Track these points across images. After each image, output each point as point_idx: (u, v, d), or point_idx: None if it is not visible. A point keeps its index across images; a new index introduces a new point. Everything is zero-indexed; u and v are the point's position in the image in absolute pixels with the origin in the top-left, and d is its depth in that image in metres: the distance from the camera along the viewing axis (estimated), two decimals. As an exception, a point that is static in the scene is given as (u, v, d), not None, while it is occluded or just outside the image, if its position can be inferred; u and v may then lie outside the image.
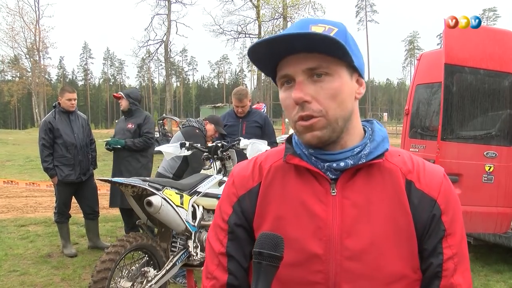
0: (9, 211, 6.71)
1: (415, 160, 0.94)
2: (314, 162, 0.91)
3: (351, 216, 0.87)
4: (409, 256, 0.87)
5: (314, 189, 0.90)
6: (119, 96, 4.96)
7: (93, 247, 4.96)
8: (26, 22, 40.98)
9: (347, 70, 0.87)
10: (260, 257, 0.77)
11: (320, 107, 0.85)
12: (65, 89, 4.89)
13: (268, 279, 0.77)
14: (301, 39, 0.81)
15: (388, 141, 0.94)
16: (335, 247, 0.86)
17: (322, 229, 0.87)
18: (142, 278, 3.02)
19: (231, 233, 0.94)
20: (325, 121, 0.86)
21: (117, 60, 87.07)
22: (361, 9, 66.73)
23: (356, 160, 0.89)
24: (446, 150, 4.12)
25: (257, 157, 1.02)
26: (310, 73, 0.85)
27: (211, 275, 0.94)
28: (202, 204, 3.41)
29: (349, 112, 0.89)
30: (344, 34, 0.87)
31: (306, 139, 0.88)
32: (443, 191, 0.90)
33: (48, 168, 4.67)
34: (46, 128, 4.68)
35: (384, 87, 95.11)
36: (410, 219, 0.87)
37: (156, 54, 31.13)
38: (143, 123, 4.86)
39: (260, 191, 0.94)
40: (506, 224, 4.25)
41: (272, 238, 0.79)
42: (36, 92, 42.29)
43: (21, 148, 17.70)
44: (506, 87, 4.26)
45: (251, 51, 0.85)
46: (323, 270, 0.87)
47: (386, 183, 0.89)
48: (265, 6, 26.77)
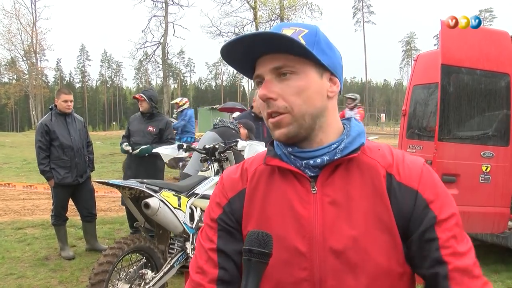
0: (6, 213, 6.69)
1: (395, 153, 0.94)
2: (293, 160, 0.93)
3: (332, 213, 0.89)
4: (392, 249, 0.87)
5: (296, 188, 0.92)
6: (140, 98, 5.01)
7: (90, 249, 4.94)
8: (23, 24, 40.89)
9: (315, 69, 0.90)
10: (250, 254, 0.79)
11: (285, 103, 0.89)
12: (61, 91, 4.87)
13: (258, 275, 0.79)
14: (261, 39, 0.86)
15: (365, 135, 0.95)
16: (318, 244, 0.88)
17: (304, 227, 0.89)
18: (140, 280, 3.02)
19: (221, 230, 0.97)
20: (291, 117, 0.89)
21: (115, 62, 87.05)
22: (358, 10, 66.88)
23: (332, 155, 0.91)
24: (443, 150, 4.13)
25: (244, 161, 1.05)
26: (277, 72, 0.89)
27: (201, 269, 0.95)
28: (200, 206, 3.41)
29: (318, 110, 0.91)
30: (314, 35, 0.91)
31: (275, 136, 0.92)
32: (424, 179, 0.90)
33: (44, 171, 4.66)
34: (42, 130, 4.67)
35: (382, 88, 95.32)
36: (390, 213, 0.87)
37: (154, 56, 31.14)
38: (165, 128, 5.04)
39: (246, 194, 0.97)
40: (503, 224, 4.26)
41: (261, 235, 0.81)
42: (33, 94, 42.15)
43: (18, 151, 17.64)
44: (503, 88, 4.27)
45: (223, 53, 0.90)
46: (308, 267, 0.89)
47: (366, 178, 0.90)
48: (262, 8, 26.85)
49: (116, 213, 6.77)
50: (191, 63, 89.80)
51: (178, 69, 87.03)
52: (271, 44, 0.86)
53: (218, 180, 1.05)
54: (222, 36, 28.49)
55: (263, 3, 26.31)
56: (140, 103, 5.03)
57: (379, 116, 47.84)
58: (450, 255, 0.85)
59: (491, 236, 4.42)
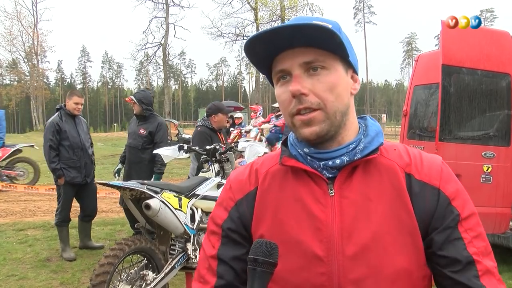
0: (7, 215, 6.69)
1: (411, 152, 0.93)
2: (310, 161, 0.90)
3: (350, 216, 0.86)
4: (413, 251, 0.85)
5: (312, 190, 0.89)
6: (130, 101, 5.00)
7: (82, 247, 5.01)
8: (24, 26, 41.09)
9: (342, 65, 0.88)
10: (255, 264, 0.78)
11: (318, 99, 0.85)
12: (74, 93, 4.95)
13: (262, 285, 0.77)
14: (300, 31, 0.81)
15: (383, 135, 0.93)
16: (336, 248, 0.86)
17: (321, 230, 0.87)
18: (141, 281, 3.02)
19: (224, 237, 0.94)
20: (324, 115, 0.86)
21: (116, 64, 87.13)
22: (359, 10, 66.81)
23: (352, 156, 0.88)
24: (444, 150, 4.13)
25: (253, 163, 1.02)
26: (306, 67, 0.85)
27: (202, 278, 0.95)
28: (200, 207, 3.41)
29: (346, 106, 0.89)
30: (338, 30, 0.88)
31: (304, 134, 0.87)
32: (444, 177, 0.88)
33: (55, 169, 4.69)
34: (53, 129, 4.71)
35: (383, 88, 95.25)
36: (412, 214, 0.85)
37: (155, 57, 31.22)
38: (155, 131, 4.92)
39: (257, 195, 0.94)
40: (504, 224, 4.25)
41: (267, 245, 0.79)
42: (34, 96, 42.26)
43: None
44: (504, 88, 4.27)
45: (248, 45, 0.85)
46: (326, 272, 0.86)
47: (384, 179, 0.88)
48: (263, 9, 26.90)
49: (117, 214, 6.77)
50: (192, 64, 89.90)
51: (179, 70, 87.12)
52: (309, 36, 0.81)
53: (226, 181, 1.03)
54: (223, 37, 28.58)
55: (263, 4, 26.35)
56: (133, 105, 5.00)
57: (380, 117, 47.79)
58: (479, 255, 0.83)
59: (493, 236, 4.41)
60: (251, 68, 45.89)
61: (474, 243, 0.84)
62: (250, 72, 54.00)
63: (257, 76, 31.50)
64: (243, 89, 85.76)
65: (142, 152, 4.89)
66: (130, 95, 5.15)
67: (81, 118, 5.06)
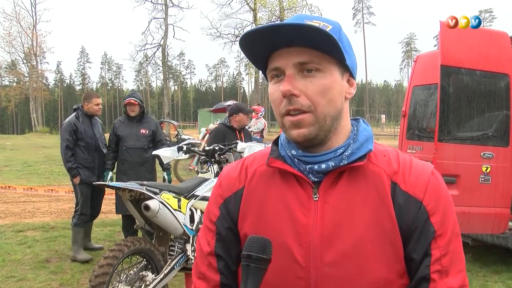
0: (6, 216, 6.69)
1: (402, 159, 0.90)
2: (297, 164, 0.89)
3: (332, 222, 0.85)
4: (394, 260, 0.84)
5: (297, 193, 0.88)
6: (135, 103, 4.86)
7: (83, 248, 4.95)
8: (23, 27, 41.03)
9: (338, 68, 0.86)
10: (249, 260, 0.77)
11: (308, 102, 0.83)
12: (92, 95, 5.02)
13: (256, 281, 0.77)
14: (298, 31, 0.79)
15: (372, 141, 0.91)
16: (316, 254, 0.85)
17: (302, 235, 0.86)
18: (140, 282, 3.02)
19: (218, 234, 0.94)
20: (313, 118, 0.84)
21: (115, 64, 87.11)
22: (358, 11, 66.94)
23: (338, 161, 0.87)
24: (443, 151, 4.13)
25: (245, 159, 1.01)
26: (301, 68, 0.83)
27: (203, 275, 0.95)
28: (200, 208, 3.41)
29: (338, 111, 0.87)
30: (338, 32, 0.87)
31: (293, 136, 0.86)
32: (430, 190, 0.86)
33: (71, 168, 4.71)
34: (71, 129, 4.73)
35: (382, 89, 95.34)
36: (395, 223, 0.84)
37: (154, 58, 31.10)
38: (156, 129, 5.02)
39: (243, 194, 0.94)
40: (503, 224, 4.25)
41: (260, 241, 0.79)
42: (33, 97, 42.18)
43: (19, 153, 17.62)
44: (502, 88, 4.27)
45: (244, 39, 0.83)
46: (303, 277, 0.85)
47: (370, 186, 0.87)
48: (262, 9, 26.88)
49: (116, 215, 6.74)
50: (191, 65, 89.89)
51: (178, 71, 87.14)
52: (306, 36, 0.80)
53: (218, 177, 1.03)
54: (222, 38, 28.51)
55: (262, 5, 26.34)
56: (133, 107, 4.89)
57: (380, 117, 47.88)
58: (437, 273, 0.83)
59: (492, 236, 4.41)
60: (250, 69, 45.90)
61: (442, 262, 0.83)
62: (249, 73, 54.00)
63: (256, 77, 31.49)
64: (243, 90, 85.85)
65: (146, 152, 4.88)
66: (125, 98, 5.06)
67: (97, 119, 5.10)
